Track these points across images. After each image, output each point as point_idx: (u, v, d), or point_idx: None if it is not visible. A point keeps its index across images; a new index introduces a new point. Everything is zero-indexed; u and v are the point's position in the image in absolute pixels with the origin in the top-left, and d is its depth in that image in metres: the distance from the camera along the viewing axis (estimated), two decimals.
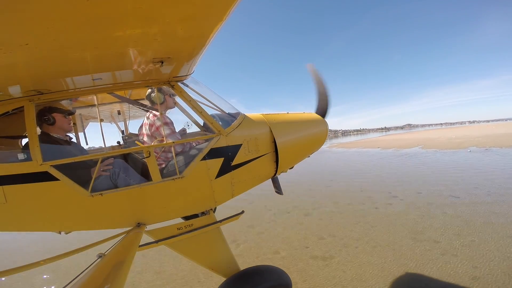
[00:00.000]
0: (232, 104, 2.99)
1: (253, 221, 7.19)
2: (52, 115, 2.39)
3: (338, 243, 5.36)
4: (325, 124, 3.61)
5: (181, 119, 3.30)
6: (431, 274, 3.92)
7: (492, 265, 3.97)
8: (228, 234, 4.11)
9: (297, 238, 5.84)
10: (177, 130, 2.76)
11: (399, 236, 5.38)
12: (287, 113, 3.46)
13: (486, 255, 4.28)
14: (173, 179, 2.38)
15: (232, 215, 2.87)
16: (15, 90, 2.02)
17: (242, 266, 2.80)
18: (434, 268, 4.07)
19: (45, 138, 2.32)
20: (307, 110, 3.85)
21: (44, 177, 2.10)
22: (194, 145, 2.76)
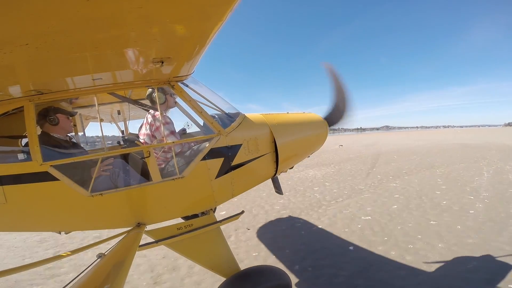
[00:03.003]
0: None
1: None
2: (57, 116, 2.40)
3: None
4: (325, 125, 3.62)
5: (181, 119, 3.31)
6: None
7: None
8: None
9: None
10: (177, 130, 2.76)
11: None
12: (287, 113, 3.46)
13: None
14: (173, 179, 2.38)
15: (232, 215, 2.87)
16: (15, 90, 2.02)
17: None
18: None
19: (45, 138, 2.32)
20: (294, 107, 3.85)
21: (44, 177, 2.10)
22: (193, 145, 2.76)
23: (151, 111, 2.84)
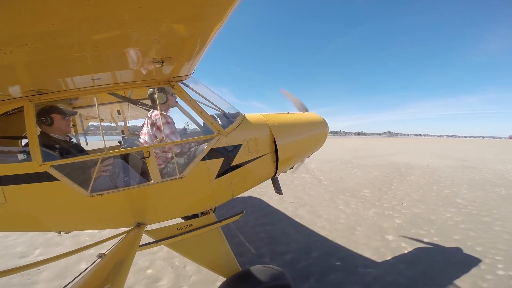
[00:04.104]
0: (224, 93, 3.01)
1: None
2: (51, 116, 2.38)
3: None
4: (325, 124, 3.62)
5: (181, 119, 3.31)
6: None
7: None
8: None
9: None
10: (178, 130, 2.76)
11: None
12: (287, 113, 3.47)
13: None
14: (173, 179, 2.38)
15: (232, 215, 2.87)
16: (15, 90, 2.02)
17: None
18: None
19: (44, 138, 2.31)
20: (294, 108, 3.92)
21: (44, 177, 2.10)
22: (193, 145, 2.76)
23: (152, 110, 2.84)
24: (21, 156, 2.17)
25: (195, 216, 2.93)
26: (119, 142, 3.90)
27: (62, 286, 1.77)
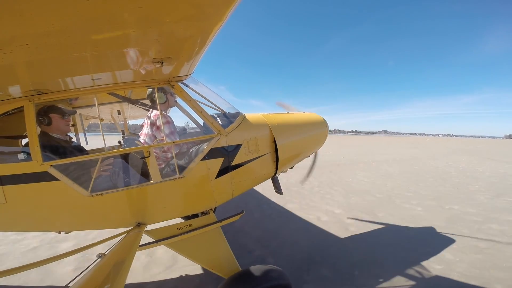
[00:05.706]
0: (222, 91, 3.01)
1: None
2: (49, 116, 2.35)
3: None
4: (325, 124, 3.62)
5: (181, 119, 3.30)
6: None
7: None
8: None
9: None
10: (177, 130, 2.76)
11: None
12: (288, 113, 3.47)
13: None
14: (173, 179, 2.38)
15: (232, 215, 2.87)
16: (15, 90, 2.02)
17: None
18: None
19: (45, 138, 2.31)
20: (294, 104, 3.93)
21: (44, 177, 2.10)
22: (192, 145, 2.76)
23: (152, 110, 2.83)
24: (21, 156, 2.17)
25: (195, 216, 2.93)
26: (119, 142, 3.90)
27: (62, 286, 1.77)
